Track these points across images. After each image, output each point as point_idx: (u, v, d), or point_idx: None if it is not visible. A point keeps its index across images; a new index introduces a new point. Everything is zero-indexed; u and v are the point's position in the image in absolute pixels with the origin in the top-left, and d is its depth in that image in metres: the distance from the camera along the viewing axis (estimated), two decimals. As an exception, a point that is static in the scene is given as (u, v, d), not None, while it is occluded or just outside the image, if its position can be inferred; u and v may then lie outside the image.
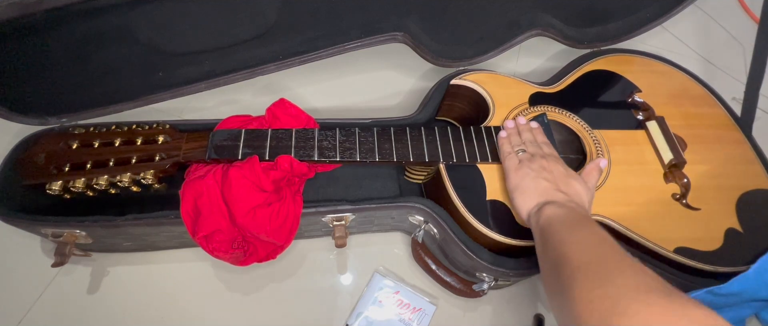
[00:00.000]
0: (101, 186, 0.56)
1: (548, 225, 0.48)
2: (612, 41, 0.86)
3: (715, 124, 0.74)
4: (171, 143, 0.59)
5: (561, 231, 0.46)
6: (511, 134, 0.63)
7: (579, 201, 0.53)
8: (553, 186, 0.54)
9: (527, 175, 0.55)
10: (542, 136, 0.64)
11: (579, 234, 0.45)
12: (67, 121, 0.67)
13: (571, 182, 0.54)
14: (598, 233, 0.45)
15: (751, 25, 1.12)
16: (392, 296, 0.68)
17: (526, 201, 0.54)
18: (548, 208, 0.50)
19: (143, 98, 0.69)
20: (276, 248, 0.63)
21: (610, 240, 0.44)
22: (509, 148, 0.61)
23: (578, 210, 0.50)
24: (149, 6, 0.63)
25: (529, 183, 0.55)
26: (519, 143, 0.61)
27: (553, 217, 0.49)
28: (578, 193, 0.54)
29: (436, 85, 0.74)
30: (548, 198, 0.52)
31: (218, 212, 0.57)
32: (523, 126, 0.64)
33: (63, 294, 0.67)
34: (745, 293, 0.58)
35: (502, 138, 0.63)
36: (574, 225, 0.47)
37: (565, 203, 0.51)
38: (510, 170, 0.58)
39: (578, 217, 0.48)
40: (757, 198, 0.66)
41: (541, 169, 0.56)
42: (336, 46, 0.75)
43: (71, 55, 0.63)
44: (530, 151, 0.59)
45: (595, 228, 0.46)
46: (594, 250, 0.42)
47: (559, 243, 0.45)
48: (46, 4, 0.55)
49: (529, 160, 0.57)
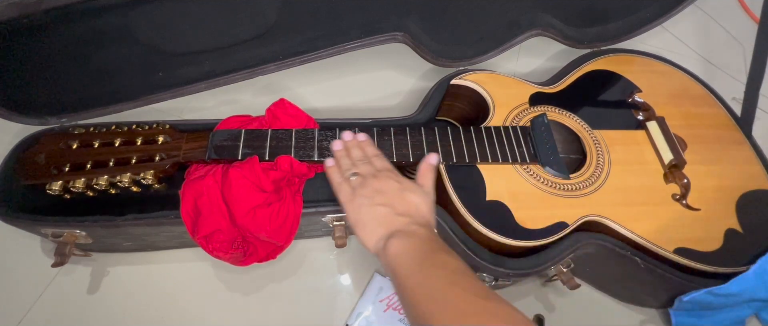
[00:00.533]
0: (101, 187, 0.56)
1: (396, 268, 0.46)
2: (612, 41, 0.86)
3: (715, 124, 0.74)
4: (171, 143, 0.59)
5: (409, 278, 0.44)
6: (340, 158, 0.58)
7: (420, 219, 0.50)
8: (390, 210, 0.50)
9: (363, 206, 0.51)
10: (371, 147, 0.59)
11: (427, 279, 0.44)
12: (67, 121, 0.67)
13: (407, 197, 0.52)
14: (446, 266, 0.44)
15: (751, 25, 1.12)
16: (392, 296, 0.68)
17: (369, 236, 0.50)
18: (392, 245, 0.47)
19: (143, 98, 0.69)
20: (276, 248, 0.63)
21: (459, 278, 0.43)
22: (339, 178, 0.56)
23: (421, 234, 0.48)
24: (149, 6, 0.63)
25: (365, 214, 0.51)
26: (349, 166, 0.56)
27: (398, 257, 0.46)
28: (417, 208, 0.51)
29: (436, 85, 0.74)
30: (389, 228, 0.49)
31: (218, 212, 0.57)
32: (350, 143, 0.59)
33: (63, 294, 0.67)
34: (744, 293, 0.58)
35: (330, 167, 0.58)
36: (421, 264, 0.45)
37: (407, 230, 0.48)
38: (344, 204, 0.53)
39: (423, 252, 0.46)
40: (757, 198, 0.66)
41: (374, 194, 0.52)
42: (336, 46, 0.75)
43: (71, 55, 0.63)
44: (362, 171, 0.55)
45: (438, 261, 0.45)
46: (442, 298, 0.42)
47: (411, 293, 0.43)
48: (46, 4, 0.55)
49: (361, 187, 0.53)
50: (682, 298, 0.61)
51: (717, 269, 0.60)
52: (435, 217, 0.54)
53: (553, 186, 0.63)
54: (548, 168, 0.64)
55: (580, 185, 0.64)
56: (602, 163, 0.66)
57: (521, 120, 0.69)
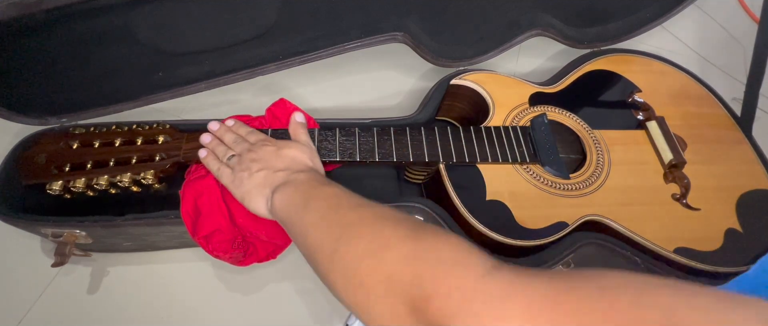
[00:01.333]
0: (101, 186, 0.56)
1: (285, 217, 0.46)
2: (612, 41, 0.86)
3: (715, 124, 0.74)
4: (171, 143, 0.59)
5: (297, 223, 0.45)
6: (214, 147, 0.57)
7: (298, 166, 0.51)
8: (269, 171, 0.51)
9: (244, 179, 0.52)
10: (243, 127, 0.59)
11: (310, 214, 0.44)
12: (67, 121, 0.67)
13: (283, 153, 0.52)
14: (326, 199, 0.45)
15: (751, 25, 1.12)
16: (392, 296, 0.68)
17: (257, 202, 0.50)
18: (275, 199, 0.48)
19: (143, 98, 0.69)
20: (276, 248, 0.63)
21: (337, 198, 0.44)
22: (216, 163, 0.56)
23: (300, 178, 0.49)
24: (149, 6, 0.63)
25: (248, 184, 0.51)
26: (225, 151, 0.56)
27: (283, 207, 0.47)
28: (293, 159, 0.52)
29: (436, 85, 0.74)
30: (271, 186, 0.49)
31: (218, 212, 0.57)
32: (219, 130, 0.59)
33: (63, 294, 0.67)
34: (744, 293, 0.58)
35: (205, 158, 0.57)
36: (304, 202, 0.45)
37: (286, 181, 0.49)
38: (228, 185, 0.53)
39: (303, 191, 0.47)
40: (757, 198, 0.67)
41: (252, 163, 0.52)
42: (336, 46, 0.74)
43: (71, 55, 0.63)
44: (238, 151, 0.55)
45: (320, 195, 0.45)
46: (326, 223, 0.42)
47: (301, 231, 0.43)
48: (46, 4, 0.55)
49: (239, 164, 0.53)
50: (682, 298, 0.61)
51: (717, 269, 0.60)
52: (320, 164, 0.55)
53: (553, 186, 0.63)
54: (548, 168, 0.64)
55: (580, 185, 0.64)
56: (602, 162, 0.66)
57: (521, 120, 0.69)
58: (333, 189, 0.46)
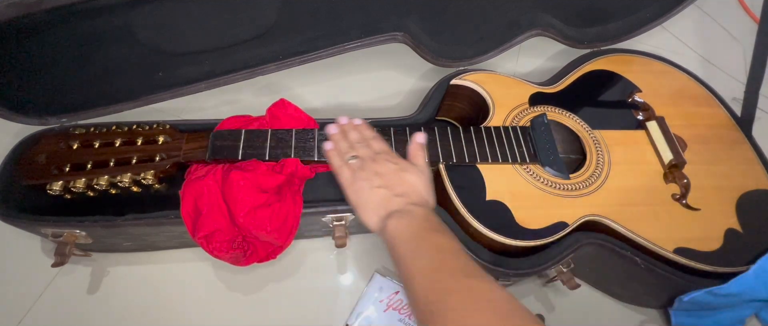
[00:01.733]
0: (101, 187, 0.56)
1: (394, 246, 0.48)
2: (612, 41, 0.86)
3: (715, 124, 0.74)
4: (171, 143, 0.59)
5: (404, 256, 0.47)
6: (338, 141, 0.59)
7: (417, 199, 0.53)
8: (389, 192, 0.52)
9: (362, 189, 0.53)
10: (369, 130, 0.60)
11: (419, 259, 0.46)
12: (67, 121, 0.67)
13: (404, 178, 0.54)
14: (438, 249, 0.46)
15: (751, 25, 1.12)
16: (392, 296, 0.68)
17: (370, 217, 0.52)
18: (390, 224, 0.50)
19: (143, 98, 0.69)
20: (276, 248, 0.63)
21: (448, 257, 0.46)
22: (339, 160, 0.57)
23: (418, 213, 0.50)
24: (149, 6, 0.63)
25: (366, 197, 0.53)
26: (347, 149, 0.58)
27: (396, 236, 0.48)
28: (414, 188, 0.54)
29: (436, 85, 0.74)
30: (388, 209, 0.51)
31: (218, 212, 0.57)
32: (346, 126, 0.61)
33: (63, 294, 0.67)
34: (744, 294, 0.58)
35: (329, 150, 0.59)
36: (415, 242, 0.47)
37: (404, 210, 0.51)
38: (345, 187, 0.55)
39: (418, 230, 0.49)
40: (757, 198, 0.66)
41: (373, 176, 0.54)
42: (336, 46, 0.75)
43: (71, 55, 0.63)
44: (361, 154, 0.57)
45: (432, 241, 0.47)
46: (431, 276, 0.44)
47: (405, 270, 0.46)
48: (46, 4, 0.55)
49: (360, 170, 0.55)
50: (682, 298, 0.61)
51: (717, 269, 0.59)
52: (433, 195, 0.56)
53: (553, 186, 0.63)
54: (548, 168, 0.64)
55: (580, 185, 0.64)
56: (602, 162, 0.66)
57: (521, 120, 0.69)
58: (444, 240, 0.47)
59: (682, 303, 0.61)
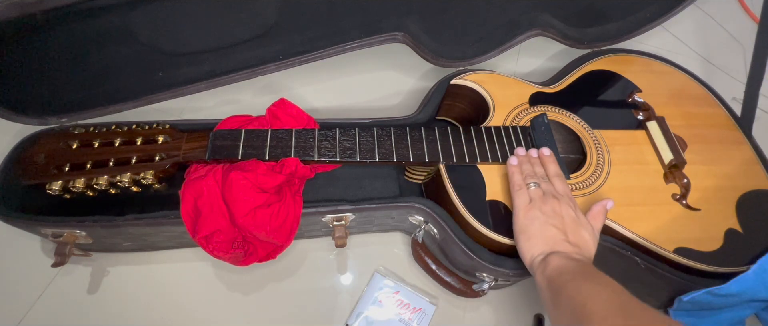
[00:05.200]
0: (101, 186, 0.56)
1: (558, 276, 0.47)
2: (612, 41, 0.86)
3: (715, 124, 0.74)
4: (171, 143, 0.59)
5: (574, 282, 0.45)
6: (523, 162, 0.60)
7: (587, 254, 0.52)
8: (562, 235, 0.52)
9: (537, 219, 0.53)
10: (555, 165, 0.60)
11: (594, 285, 0.44)
12: (67, 121, 0.67)
13: (579, 231, 0.53)
14: (612, 284, 0.45)
15: (751, 25, 1.12)
16: (392, 296, 0.68)
17: (533, 247, 0.52)
18: (555, 259, 0.49)
19: (143, 98, 0.69)
20: (276, 248, 0.63)
21: (626, 292, 0.44)
22: (520, 180, 0.58)
23: (586, 263, 0.49)
24: (149, 6, 0.63)
25: (537, 228, 0.53)
26: (532, 174, 0.58)
27: (561, 268, 0.47)
28: (586, 244, 0.52)
29: (436, 85, 0.74)
30: (555, 248, 0.51)
31: (218, 212, 0.57)
32: (535, 159, 0.61)
33: (63, 294, 0.67)
34: (744, 294, 0.58)
35: (513, 166, 0.60)
36: (585, 276, 0.46)
37: (572, 255, 0.50)
38: (519, 209, 0.55)
39: (588, 270, 0.47)
40: (757, 198, 0.66)
41: (552, 214, 0.53)
42: (336, 46, 0.74)
43: (71, 55, 0.63)
44: (543, 187, 0.57)
45: (606, 279, 0.46)
46: (616, 301, 0.42)
47: (575, 293, 0.44)
48: (46, 4, 0.55)
49: (540, 201, 0.55)
50: (682, 298, 0.61)
51: (717, 269, 0.59)
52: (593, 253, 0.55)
53: (553, 186, 0.63)
54: (548, 168, 0.63)
55: (580, 185, 0.64)
56: (602, 162, 0.66)
57: (521, 120, 0.69)
58: (616, 283, 0.46)
59: (682, 303, 0.61)
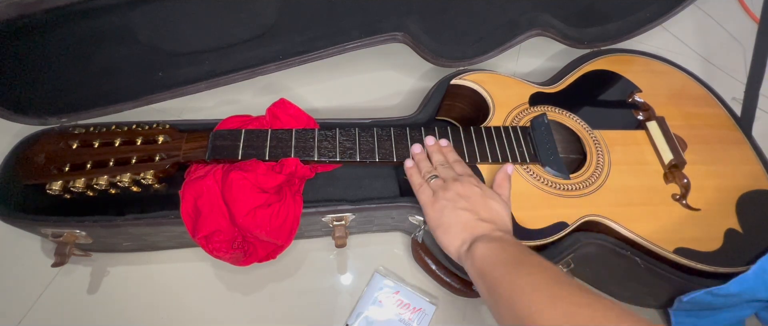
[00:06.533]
0: (101, 187, 0.56)
1: (489, 271, 0.46)
2: (612, 41, 0.86)
3: (715, 124, 0.74)
4: (171, 143, 0.59)
5: (505, 276, 0.44)
6: (419, 160, 0.60)
7: (503, 226, 0.51)
8: (474, 216, 0.51)
9: (445, 208, 0.52)
10: (452, 153, 0.60)
11: (526, 276, 0.43)
12: (67, 120, 0.67)
13: (489, 204, 0.52)
14: (541, 267, 0.44)
15: (751, 25, 1.12)
16: (392, 296, 0.68)
17: (452, 239, 0.51)
18: (478, 248, 0.48)
19: (143, 98, 0.69)
20: (276, 248, 0.63)
21: (557, 271, 0.44)
22: (419, 179, 0.57)
23: (508, 240, 0.49)
24: (149, 6, 0.63)
25: (448, 217, 0.52)
26: (429, 169, 0.58)
27: (488, 259, 0.46)
28: (500, 215, 0.52)
29: (436, 85, 0.74)
30: (474, 232, 0.50)
31: (218, 212, 0.57)
32: (431, 147, 0.61)
33: (63, 294, 0.67)
34: (744, 294, 0.58)
35: (409, 168, 0.59)
36: (515, 264, 0.45)
37: (492, 235, 0.49)
38: (425, 205, 0.55)
39: (513, 252, 0.47)
40: (757, 198, 0.66)
41: (457, 198, 0.53)
42: (336, 46, 0.75)
43: (71, 55, 0.63)
44: (442, 175, 0.56)
45: (534, 260, 0.45)
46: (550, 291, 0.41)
47: (509, 290, 0.43)
48: (46, 4, 0.55)
49: (443, 190, 0.54)
50: (682, 298, 0.61)
51: (717, 269, 0.59)
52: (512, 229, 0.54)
53: (553, 186, 0.63)
54: (548, 168, 0.64)
55: (580, 185, 0.64)
56: (602, 163, 0.66)
57: (521, 120, 0.69)
58: (545, 262, 0.45)
59: (681, 303, 0.61)
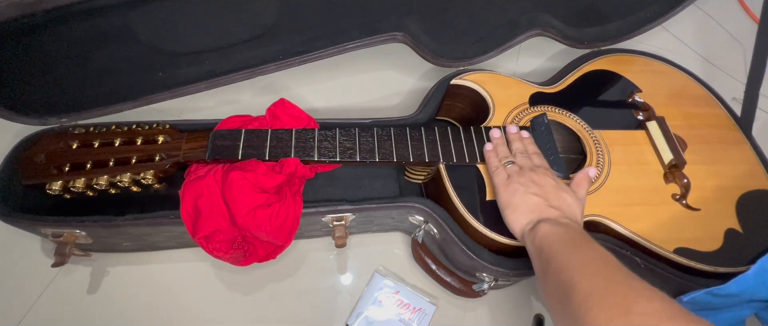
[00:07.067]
0: (101, 186, 0.56)
1: (547, 246, 0.47)
2: (612, 41, 0.86)
3: (715, 124, 0.74)
4: (171, 143, 0.59)
5: (561, 253, 0.45)
6: (498, 145, 0.62)
7: (571, 216, 0.52)
8: (544, 201, 0.52)
9: (517, 191, 0.54)
10: (533, 145, 0.62)
11: (581, 255, 0.44)
12: (67, 120, 0.67)
13: (562, 195, 0.54)
14: (600, 252, 0.44)
15: (751, 25, 1.12)
16: (392, 296, 0.68)
17: (519, 218, 0.52)
18: (542, 227, 0.49)
19: (143, 98, 0.69)
20: (276, 248, 0.63)
21: (614, 259, 0.44)
22: (496, 162, 0.59)
23: (573, 226, 0.49)
24: (149, 6, 0.63)
25: (519, 199, 0.53)
26: (506, 154, 0.60)
27: (549, 237, 0.47)
28: (570, 207, 0.53)
29: (436, 85, 0.74)
30: (541, 215, 0.51)
31: (218, 212, 0.57)
32: (513, 135, 0.63)
33: (63, 294, 0.67)
34: (744, 294, 0.58)
35: (488, 151, 0.61)
36: (574, 245, 0.46)
37: (558, 219, 0.50)
38: (499, 186, 0.56)
39: (575, 236, 0.47)
40: (757, 198, 0.66)
41: (530, 183, 0.54)
42: (336, 46, 0.75)
43: (71, 55, 0.63)
44: (519, 162, 0.58)
45: (595, 246, 0.45)
46: (602, 273, 0.41)
47: (562, 266, 0.44)
48: (46, 4, 0.55)
49: (517, 174, 0.56)
50: (682, 298, 0.61)
51: (717, 269, 0.59)
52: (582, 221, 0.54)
53: (553, 186, 0.63)
54: (548, 168, 0.63)
55: (580, 185, 0.64)
56: (602, 163, 0.66)
57: (521, 120, 0.69)
58: (606, 252, 0.45)
59: (682, 303, 0.61)
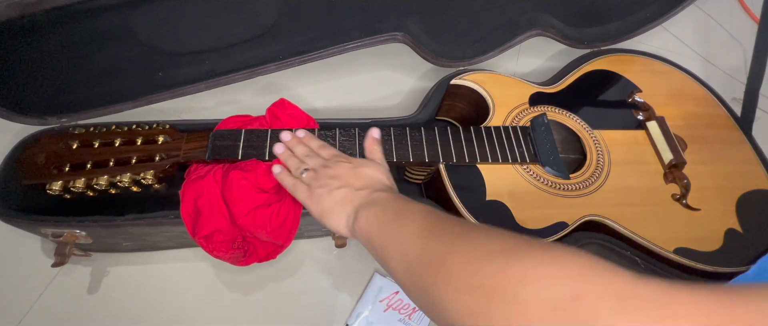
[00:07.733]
0: (101, 187, 0.56)
1: (373, 233, 0.45)
2: (612, 41, 0.86)
3: (715, 124, 0.74)
4: (171, 143, 0.59)
5: (390, 235, 0.43)
6: (286, 159, 0.58)
7: (379, 185, 0.51)
8: (349, 190, 0.50)
9: (322, 196, 0.51)
10: (314, 140, 0.59)
11: (405, 227, 0.42)
12: (67, 120, 0.67)
13: (361, 172, 0.52)
14: (424, 214, 0.43)
15: (751, 25, 1.12)
16: (392, 296, 0.68)
17: (338, 220, 0.50)
18: (360, 218, 0.47)
19: (143, 98, 0.69)
20: (276, 248, 0.63)
21: (436, 213, 0.43)
22: (291, 179, 0.55)
23: (385, 197, 0.48)
24: (149, 6, 0.63)
25: (327, 202, 0.51)
26: (297, 164, 0.56)
27: (370, 225, 0.46)
28: (373, 178, 0.52)
29: (436, 85, 0.74)
30: (353, 204, 0.49)
31: (218, 212, 0.57)
32: (291, 142, 0.59)
33: (63, 294, 0.67)
34: (744, 294, 0.58)
35: (278, 173, 0.57)
36: (395, 219, 0.44)
37: (369, 200, 0.49)
38: (305, 201, 0.53)
39: (393, 209, 0.46)
40: (757, 198, 0.66)
41: (330, 180, 0.52)
42: (336, 46, 0.75)
43: (71, 55, 0.63)
44: (311, 166, 0.55)
45: (415, 209, 0.45)
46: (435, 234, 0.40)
47: (394, 248, 0.42)
48: (46, 4, 0.55)
49: (315, 180, 0.53)
50: (682, 298, 0.61)
51: (717, 269, 0.60)
52: (394, 183, 0.54)
53: (553, 186, 0.63)
54: (548, 168, 0.64)
55: (580, 185, 0.64)
56: (602, 163, 0.66)
57: (521, 120, 0.69)
58: (424, 206, 0.45)
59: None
